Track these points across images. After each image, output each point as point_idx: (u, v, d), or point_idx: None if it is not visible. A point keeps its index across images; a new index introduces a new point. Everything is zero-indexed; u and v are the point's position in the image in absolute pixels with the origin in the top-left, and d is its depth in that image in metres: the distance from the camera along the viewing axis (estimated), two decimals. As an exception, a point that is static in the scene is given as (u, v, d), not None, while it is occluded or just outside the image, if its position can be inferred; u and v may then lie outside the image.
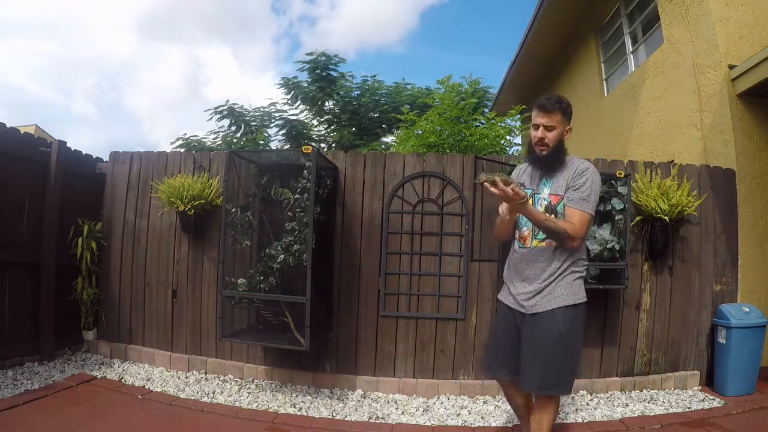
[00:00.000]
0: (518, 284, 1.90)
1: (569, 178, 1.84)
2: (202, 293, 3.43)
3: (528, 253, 1.88)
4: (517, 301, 1.89)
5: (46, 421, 2.36)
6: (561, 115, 1.81)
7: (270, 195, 3.08)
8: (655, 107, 4.88)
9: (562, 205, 1.83)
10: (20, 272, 3.23)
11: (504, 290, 2.02)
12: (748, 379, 3.13)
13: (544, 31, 6.91)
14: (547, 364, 1.78)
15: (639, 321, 3.30)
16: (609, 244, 3.01)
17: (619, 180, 3.08)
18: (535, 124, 1.83)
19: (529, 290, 1.85)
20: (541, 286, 1.82)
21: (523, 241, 1.91)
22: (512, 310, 1.91)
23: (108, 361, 3.48)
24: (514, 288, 1.92)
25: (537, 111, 1.83)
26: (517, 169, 2.07)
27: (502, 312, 1.99)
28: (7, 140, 3.13)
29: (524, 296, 1.86)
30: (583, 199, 1.80)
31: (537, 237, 1.86)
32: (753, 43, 3.80)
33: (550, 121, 1.80)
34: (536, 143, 1.84)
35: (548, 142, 1.82)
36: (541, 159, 1.86)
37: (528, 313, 1.84)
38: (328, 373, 3.22)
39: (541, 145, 1.83)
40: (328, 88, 7.91)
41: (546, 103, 1.81)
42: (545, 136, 1.81)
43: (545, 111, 1.81)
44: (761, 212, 3.62)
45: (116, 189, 3.69)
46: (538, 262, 1.85)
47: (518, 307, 1.88)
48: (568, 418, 2.76)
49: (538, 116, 1.82)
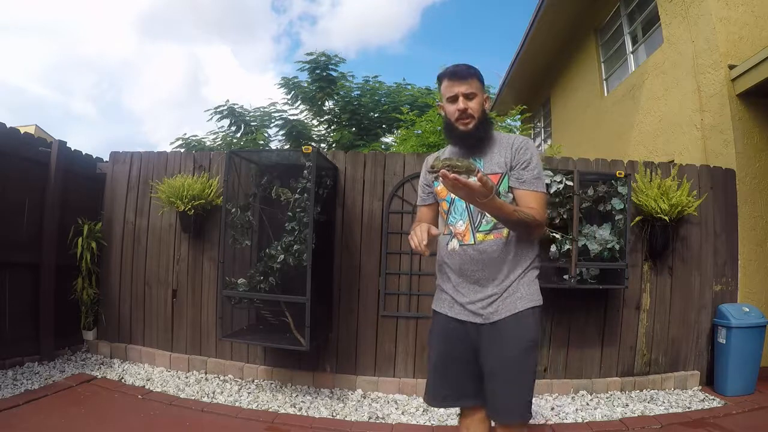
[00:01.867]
0: (467, 290, 1.51)
1: (509, 155, 1.53)
2: (202, 293, 3.43)
3: (474, 251, 1.49)
4: (469, 311, 1.50)
5: (46, 421, 2.36)
6: (477, 81, 1.53)
7: (271, 196, 3.08)
8: (655, 107, 4.88)
9: (505, 185, 1.51)
10: (20, 272, 3.23)
11: (443, 300, 1.59)
12: (748, 379, 3.13)
13: (544, 31, 6.92)
14: (524, 384, 1.46)
15: (639, 321, 3.30)
16: (609, 244, 3.01)
17: (619, 180, 3.08)
18: (451, 96, 1.51)
19: (486, 295, 1.48)
20: (501, 288, 1.48)
21: (461, 237, 1.52)
22: (463, 323, 1.51)
23: (108, 361, 3.48)
24: (461, 296, 1.52)
25: (450, 81, 1.51)
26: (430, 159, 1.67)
27: (446, 327, 1.56)
28: (7, 140, 3.13)
29: (481, 304, 1.48)
30: (537, 178, 1.51)
31: (480, 229, 1.50)
32: (753, 43, 3.80)
33: (469, 88, 1.50)
34: (458, 118, 1.51)
35: (472, 112, 1.50)
36: (468, 134, 1.52)
37: (488, 322, 1.47)
38: (328, 373, 3.22)
39: (464, 118, 1.50)
40: (328, 88, 7.91)
41: (458, 70, 1.51)
42: (467, 107, 1.49)
43: (460, 78, 1.50)
44: (761, 212, 3.62)
45: (116, 189, 3.69)
46: (491, 260, 1.48)
47: (472, 317, 1.50)
48: (567, 418, 2.76)
49: (454, 85, 1.51)
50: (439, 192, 1.60)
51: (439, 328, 1.59)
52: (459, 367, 1.53)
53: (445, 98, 1.54)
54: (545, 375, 3.19)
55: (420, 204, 1.71)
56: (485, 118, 1.55)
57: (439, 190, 1.60)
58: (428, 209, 1.68)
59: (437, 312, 1.61)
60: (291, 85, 8.21)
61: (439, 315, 1.59)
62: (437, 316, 1.61)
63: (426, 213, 1.69)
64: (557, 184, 2.99)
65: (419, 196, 1.72)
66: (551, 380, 3.18)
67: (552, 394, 3.14)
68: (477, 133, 1.52)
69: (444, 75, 1.54)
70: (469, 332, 1.51)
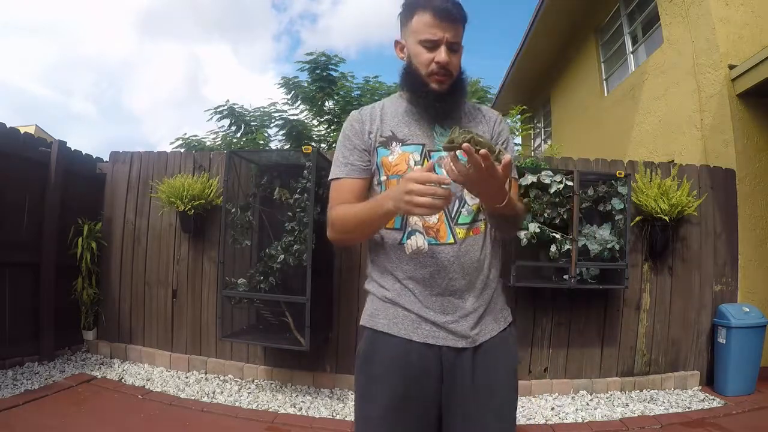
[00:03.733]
0: (442, 305, 1.07)
1: (488, 130, 1.16)
2: (202, 293, 3.43)
3: (454, 252, 1.07)
4: (449, 332, 1.06)
5: (46, 421, 2.36)
6: (463, 28, 1.08)
7: (271, 196, 3.08)
8: (655, 107, 4.88)
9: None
10: (20, 272, 3.23)
11: (398, 318, 1.09)
12: (748, 379, 3.13)
13: (544, 31, 6.92)
14: (512, 422, 1.11)
15: (639, 321, 3.30)
16: (609, 244, 3.01)
17: (619, 180, 3.08)
18: (433, 40, 1.04)
19: (469, 309, 1.07)
20: (484, 299, 1.10)
21: (433, 234, 1.07)
22: (433, 348, 1.06)
23: (108, 361, 3.48)
24: (435, 313, 1.06)
25: (436, 18, 1.03)
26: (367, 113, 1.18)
27: (406, 356, 1.06)
28: (7, 140, 3.13)
29: (466, 322, 1.07)
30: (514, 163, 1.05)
31: (459, 223, 1.08)
32: (753, 44, 3.80)
33: (455, 36, 1.06)
34: (434, 72, 1.06)
35: (452, 69, 1.07)
36: (441, 96, 1.08)
37: (472, 346, 1.06)
38: (328, 373, 3.22)
39: (443, 74, 1.06)
40: (329, 88, 7.90)
41: (452, 8, 1.04)
42: (450, 61, 1.05)
43: (451, 19, 1.04)
44: (761, 212, 3.62)
45: (116, 189, 3.69)
46: (471, 264, 1.08)
47: (452, 341, 1.06)
48: (568, 418, 2.76)
49: (440, 26, 1.03)
50: (394, 165, 1.10)
51: (392, 357, 1.07)
52: (418, 413, 1.06)
53: (419, 38, 1.06)
54: (545, 375, 3.20)
55: (347, 175, 1.13)
56: (465, 78, 1.14)
57: (393, 162, 1.10)
58: (361, 183, 1.14)
59: (388, 335, 1.08)
60: (291, 85, 8.21)
61: (392, 339, 1.08)
62: (386, 340, 1.08)
63: (356, 188, 1.13)
64: (557, 184, 2.99)
65: (345, 162, 1.14)
66: (551, 380, 3.18)
67: (552, 394, 3.14)
68: (451, 97, 1.10)
69: (426, 5, 1.05)
70: (443, 361, 1.06)
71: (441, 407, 1.07)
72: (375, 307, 1.15)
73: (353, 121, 1.17)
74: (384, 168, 1.11)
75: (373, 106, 1.19)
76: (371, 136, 1.12)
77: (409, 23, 1.09)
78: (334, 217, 1.12)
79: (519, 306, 3.17)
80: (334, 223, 1.13)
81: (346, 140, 1.15)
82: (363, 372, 1.12)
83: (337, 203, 1.13)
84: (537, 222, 2.98)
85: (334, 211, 1.12)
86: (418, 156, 1.09)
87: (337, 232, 1.14)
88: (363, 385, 1.11)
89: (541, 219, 3.01)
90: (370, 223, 1.04)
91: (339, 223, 1.12)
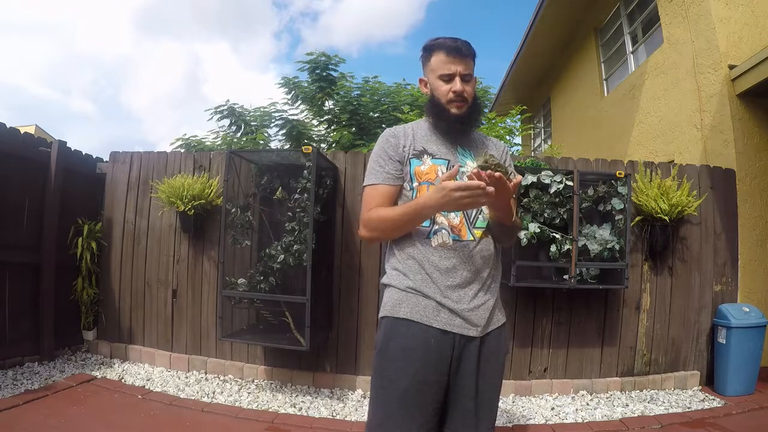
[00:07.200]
0: (459, 295, 1.25)
1: (499, 153, 1.41)
2: (202, 293, 3.43)
3: (473, 249, 1.28)
4: (464, 320, 1.24)
5: (46, 421, 2.36)
6: (473, 62, 1.36)
7: (271, 196, 3.08)
8: (655, 107, 4.89)
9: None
10: (20, 272, 3.22)
11: (420, 305, 1.25)
12: (748, 379, 3.13)
13: (544, 31, 6.92)
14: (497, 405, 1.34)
15: (639, 321, 3.30)
16: (609, 244, 3.01)
17: (619, 180, 3.08)
18: (448, 74, 1.31)
19: (482, 301, 1.28)
20: (492, 293, 1.32)
21: (456, 232, 1.29)
22: (448, 334, 1.23)
23: (108, 361, 3.48)
24: (453, 301, 1.24)
25: (449, 56, 1.30)
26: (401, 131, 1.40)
27: (426, 341, 1.22)
28: (7, 140, 3.13)
29: (480, 311, 1.26)
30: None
31: (476, 226, 1.31)
32: (753, 44, 3.81)
33: (467, 69, 1.32)
34: (452, 99, 1.32)
35: (468, 96, 1.34)
36: (461, 119, 1.34)
37: (480, 335, 1.26)
38: (328, 373, 3.22)
39: (460, 101, 1.32)
40: (328, 88, 7.91)
41: (460, 46, 1.31)
42: (464, 89, 1.32)
43: (461, 55, 1.30)
44: (761, 212, 3.62)
45: (116, 189, 3.69)
46: (485, 262, 1.31)
47: (466, 329, 1.24)
48: (568, 418, 2.76)
49: (452, 62, 1.30)
50: (425, 174, 1.32)
51: (414, 342, 1.22)
52: (434, 396, 1.21)
53: (437, 74, 1.32)
54: (545, 375, 3.20)
55: (383, 182, 1.33)
56: (479, 105, 1.41)
57: (425, 171, 1.32)
58: (393, 190, 1.34)
59: (410, 321, 1.24)
60: (291, 85, 8.21)
61: (414, 325, 1.23)
62: (408, 326, 1.23)
63: (390, 194, 1.33)
64: (557, 184, 2.99)
65: (381, 172, 1.34)
66: (551, 380, 3.18)
67: (552, 394, 3.14)
68: (469, 120, 1.36)
69: (440, 47, 1.31)
70: (455, 347, 1.23)
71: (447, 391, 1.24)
72: (397, 298, 1.29)
73: (389, 136, 1.38)
74: (416, 176, 1.33)
75: (404, 127, 1.43)
76: (405, 150, 1.34)
77: (428, 63, 1.35)
78: (372, 218, 1.30)
79: (519, 306, 3.17)
80: (371, 223, 1.31)
81: (383, 152, 1.36)
82: (383, 358, 1.26)
83: (372, 206, 1.32)
84: (537, 222, 2.98)
85: (371, 212, 1.31)
86: (445, 168, 1.32)
87: (372, 231, 1.32)
88: (382, 371, 1.25)
89: (541, 219, 3.01)
90: (409, 221, 1.25)
91: (376, 223, 1.30)
